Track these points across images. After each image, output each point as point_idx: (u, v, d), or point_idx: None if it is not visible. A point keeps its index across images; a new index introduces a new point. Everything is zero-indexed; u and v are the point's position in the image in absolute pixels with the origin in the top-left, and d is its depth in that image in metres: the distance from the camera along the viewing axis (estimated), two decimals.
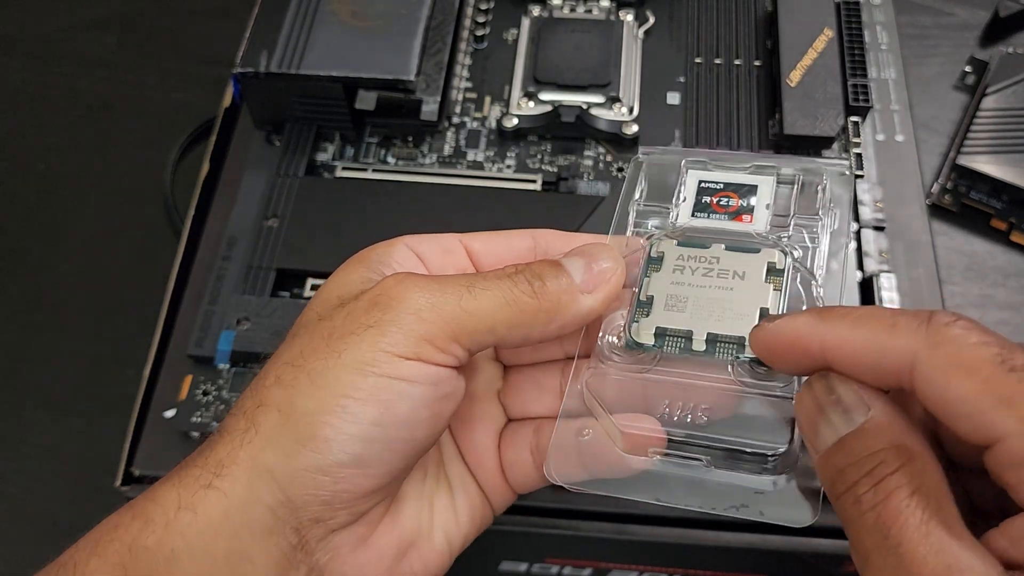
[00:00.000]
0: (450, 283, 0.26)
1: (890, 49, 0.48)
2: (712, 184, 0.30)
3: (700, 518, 0.35)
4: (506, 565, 0.39)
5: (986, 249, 0.49)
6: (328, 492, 0.24)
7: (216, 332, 0.38)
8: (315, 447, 0.23)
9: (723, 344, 0.27)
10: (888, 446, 0.21)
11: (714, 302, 0.27)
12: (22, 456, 0.48)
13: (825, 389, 0.23)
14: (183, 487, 0.24)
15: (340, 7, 0.44)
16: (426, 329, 0.25)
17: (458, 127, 0.45)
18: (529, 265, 0.27)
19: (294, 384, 0.24)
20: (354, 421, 0.24)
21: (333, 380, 0.24)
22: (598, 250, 0.28)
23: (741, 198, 0.30)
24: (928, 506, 0.20)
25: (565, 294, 0.26)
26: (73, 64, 0.61)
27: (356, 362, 0.24)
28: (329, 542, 0.25)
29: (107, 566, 0.23)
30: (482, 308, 0.25)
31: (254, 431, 0.24)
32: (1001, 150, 0.48)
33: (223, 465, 0.24)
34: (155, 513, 0.23)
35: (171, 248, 0.43)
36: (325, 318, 0.26)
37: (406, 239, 0.29)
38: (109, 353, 0.50)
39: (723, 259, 0.28)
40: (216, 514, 0.23)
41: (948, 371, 0.21)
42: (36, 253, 0.54)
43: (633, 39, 0.47)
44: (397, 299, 0.25)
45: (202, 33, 0.62)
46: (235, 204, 0.42)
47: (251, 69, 0.42)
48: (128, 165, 0.57)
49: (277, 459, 0.24)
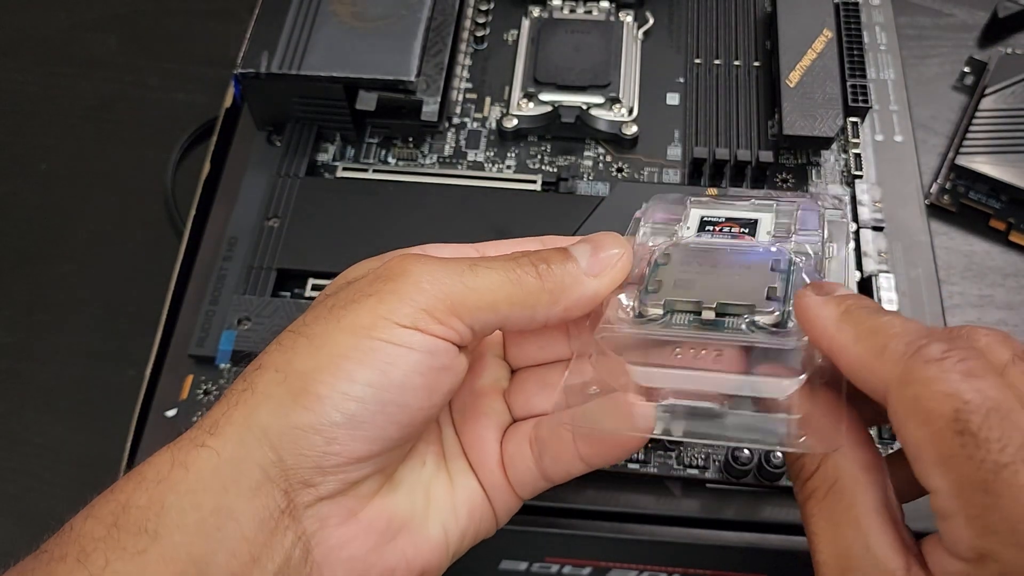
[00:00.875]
0: (454, 261, 0.26)
1: (889, 50, 0.48)
2: (714, 218, 0.31)
3: (700, 518, 0.35)
4: (506, 564, 0.39)
5: (985, 249, 0.49)
6: (319, 452, 0.24)
7: (217, 332, 0.38)
8: (308, 403, 0.24)
9: (733, 312, 0.27)
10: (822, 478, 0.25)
11: (722, 280, 0.28)
12: (23, 456, 0.48)
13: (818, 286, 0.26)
14: (177, 448, 0.24)
15: (341, 8, 0.44)
16: (425, 300, 0.25)
17: (458, 127, 0.46)
18: (536, 251, 0.28)
19: (293, 346, 0.25)
20: (349, 380, 0.24)
21: (330, 342, 0.25)
22: (604, 237, 0.29)
23: (743, 227, 0.30)
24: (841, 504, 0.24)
25: (569, 276, 0.27)
26: (74, 64, 0.61)
27: (354, 326, 0.25)
28: (317, 510, 0.25)
29: (100, 525, 0.23)
30: (484, 284, 0.26)
31: (251, 391, 0.25)
32: (1000, 150, 0.48)
33: (217, 424, 0.24)
34: (148, 472, 0.24)
35: (172, 248, 0.43)
36: (331, 295, 0.27)
37: (425, 247, 0.30)
38: (110, 353, 0.50)
39: (729, 255, 0.29)
40: (207, 471, 0.24)
41: (908, 414, 0.22)
42: (37, 253, 0.54)
43: (633, 40, 0.47)
44: (400, 271, 0.26)
45: (203, 34, 0.62)
46: (236, 204, 0.42)
47: (252, 70, 0.42)
48: (129, 165, 0.57)
49: (271, 416, 0.24)
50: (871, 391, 0.23)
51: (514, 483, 0.30)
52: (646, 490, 0.36)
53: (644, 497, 0.36)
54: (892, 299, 0.39)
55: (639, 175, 0.43)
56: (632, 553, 0.37)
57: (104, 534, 0.23)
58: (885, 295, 0.39)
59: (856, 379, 0.24)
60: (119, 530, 0.23)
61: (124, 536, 0.23)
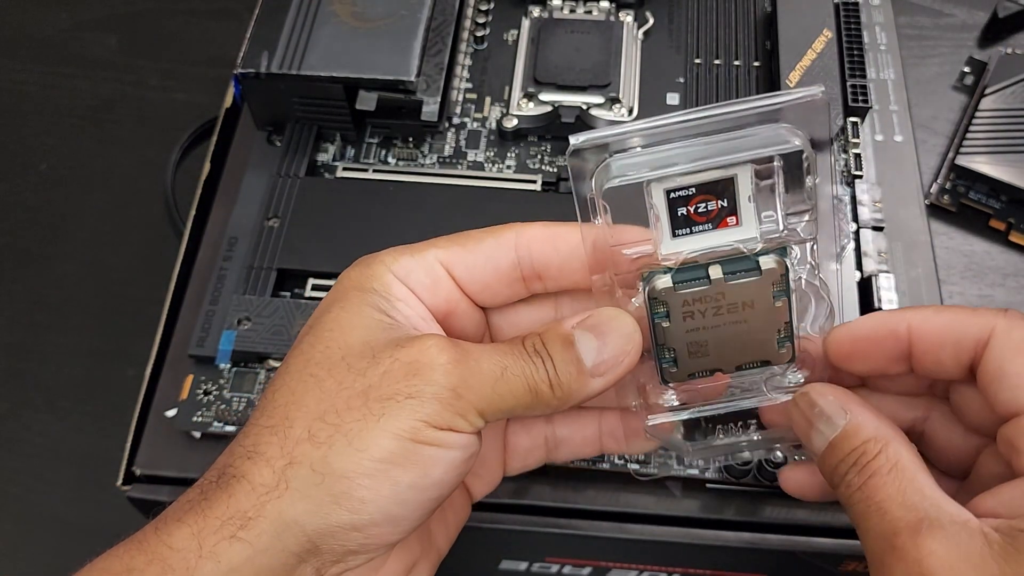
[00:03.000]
0: (485, 362, 0.26)
1: (889, 50, 0.48)
2: (683, 192, 0.26)
3: (700, 518, 0.35)
4: (506, 564, 0.39)
5: (985, 249, 0.49)
6: (356, 545, 0.25)
7: (217, 332, 0.38)
8: (351, 507, 0.24)
9: (750, 364, 0.29)
10: (868, 439, 0.26)
11: (733, 338, 0.28)
12: (24, 455, 0.48)
13: (808, 404, 0.28)
14: (203, 536, 0.24)
15: (341, 8, 0.44)
16: (462, 406, 0.26)
17: (458, 127, 0.46)
18: (544, 341, 0.27)
19: (329, 443, 0.25)
20: (392, 484, 0.25)
21: (371, 443, 0.25)
22: (611, 327, 0.28)
23: (720, 197, 0.26)
24: (903, 476, 0.25)
25: (575, 381, 0.27)
26: (75, 65, 0.61)
27: (396, 429, 0.25)
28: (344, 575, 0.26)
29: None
30: (508, 391, 0.27)
31: (284, 486, 0.24)
32: (1000, 150, 0.48)
33: (248, 518, 0.24)
34: (174, 561, 0.24)
35: (172, 248, 0.43)
36: (356, 370, 0.26)
37: (392, 266, 0.28)
38: (110, 353, 0.50)
39: (727, 293, 0.27)
40: (239, 561, 0.24)
41: (1017, 348, 0.26)
42: (37, 253, 0.54)
43: (633, 40, 0.47)
44: (438, 372, 0.26)
45: (203, 34, 0.63)
46: (236, 204, 0.42)
47: (252, 70, 0.42)
48: (129, 165, 0.57)
49: (308, 515, 0.24)
50: (967, 341, 0.27)
51: (509, 469, 0.32)
52: (646, 490, 0.36)
53: (644, 497, 0.36)
54: (892, 299, 0.39)
55: None
56: (632, 553, 0.37)
57: None
58: (885, 295, 0.39)
59: (946, 339, 0.27)
60: None
61: None
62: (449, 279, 0.29)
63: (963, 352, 0.27)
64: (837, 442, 0.27)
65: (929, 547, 0.23)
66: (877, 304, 0.39)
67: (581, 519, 0.36)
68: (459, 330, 0.30)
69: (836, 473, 0.26)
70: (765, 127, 0.26)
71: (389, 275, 0.28)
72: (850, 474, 0.26)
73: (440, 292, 0.29)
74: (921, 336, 0.27)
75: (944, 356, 0.27)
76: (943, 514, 0.24)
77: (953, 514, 0.24)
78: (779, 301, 0.28)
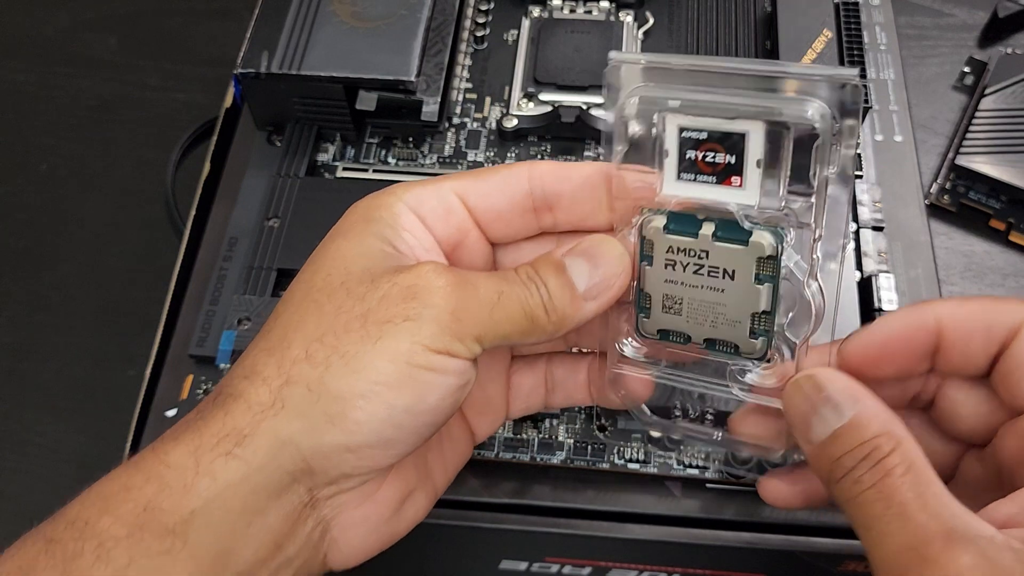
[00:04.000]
0: (482, 287, 0.27)
1: (889, 50, 0.48)
2: (695, 133, 0.27)
3: (700, 518, 0.35)
4: (506, 564, 0.39)
5: (985, 249, 0.49)
6: (350, 467, 0.25)
7: (217, 332, 0.38)
8: (345, 428, 0.25)
9: (721, 345, 0.29)
10: (880, 433, 0.24)
11: (707, 305, 0.28)
12: (23, 456, 0.48)
13: (814, 387, 0.26)
14: (200, 454, 0.24)
15: (341, 8, 0.44)
16: (459, 329, 0.26)
17: (458, 128, 0.46)
18: (537, 268, 0.28)
19: (326, 364, 0.25)
20: (387, 407, 0.25)
21: (369, 366, 0.25)
22: (601, 252, 0.28)
23: (729, 152, 0.26)
24: (920, 480, 0.23)
25: (569, 306, 0.27)
26: (75, 65, 0.61)
27: (392, 351, 0.25)
28: (337, 499, 0.26)
29: (120, 524, 0.23)
30: (505, 317, 0.27)
31: (280, 405, 0.25)
32: (1000, 150, 0.48)
33: (244, 435, 0.24)
34: (170, 477, 0.24)
35: (172, 248, 0.43)
36: (355, 295, 0.26)
37: (404, 196, 0.28)
38: (110, 353, 0.50)
39: (712, 253, 0.27)
40: (236, 478, 0.24)
41: None
42: (37, 253, 0.54)
43: (633, 40, 0.47)
44: (436, 295, 0.26)
45: (203, 34, 0.63)
46: (236, 204, 0.42)
47: (252, 70, 0.42)
48: (129, 165, 0.57)
49: (303, 434, 0.25)
50: (998, 327, 0.26)
51: (512, 411, 0.33)
52: (646, 490, 0.36)
53: (644, 497, 0.36)
54: (892, 299, 0.39)
55: None
56: (632, 553, 0.37)
57: (125, 534, 0.23)
58: (885, 295, 0.39)
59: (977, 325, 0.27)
60: (142, 531, 0.23)
61: (148, 537, 0.23)
62: (462, 207, 0.29)
63: (993, 342, 0.26)
64: (843, 432, 0.25)
65: (965, 561, 0.22)
66: (877, 304, 0.39)
67: (581, 519, 0.36)
68: (467, 263, 0.30)
69: (838, 466, 0.25)
70: (797, 99, 0.26)
71: (400, 204, 0.28)
72: (858, 470, 0.24)
73: (452, 220, 0.29)
74: (952, 327, 0.27)
75: (974, 347, 0.27)
76: (969, 527, 0.22)
77: (978, 528, 0.23)
78: (762, 285, 0.27)
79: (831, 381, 0.26)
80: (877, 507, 0.23)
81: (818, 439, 0.25)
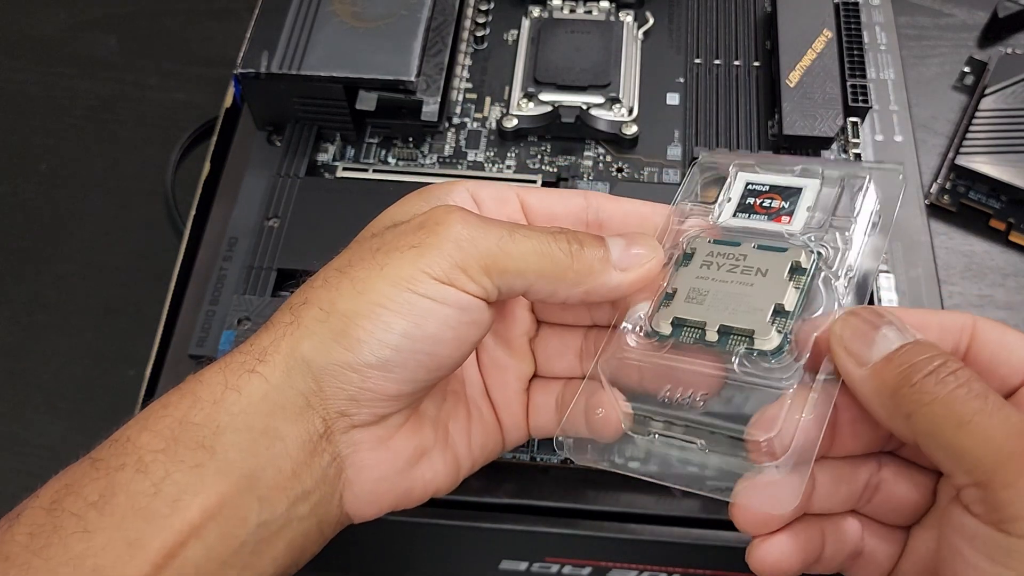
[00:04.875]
0: (494, 223, 0.28)
1: (889, 50, 0.48)
2: (759, 186, 0.31)
3: (700, 518, 0.35)
4: (506, 564, 0.39)
5: (985, 249, 0.49)
6: (355, 388, 0.26)
7: (217, 332, 0.38)
8: (347, 345, 0.26)
9: (735, 336, 0.28)
10: (944, 352, 0.25)
11: (732, 296, 0.29)
12: (23, 456, 0.48)
13: (874, 313, 0.26)
14: (229, 371, 0.26)
15: (341, 8, 0.44)
16: (462, 258, 0.27)
17: (458, 127, 0.46)
18: (574, 231, 0.29)
19: (338, 287, 0.27)
20: (386, 329, 0.26)
21: (372, 288, 0.26)
22: (640, 236, 0.30)
23: (785, 200, 0.30)
24: (989, 392, 0.23)
25: (599, 262, 0.28)
26: (74, 65, 0.61)
27: (395, 276, 0.26)
28: (351, 436, 0.27)
29: (158, 439, 0.25)
30: (518, 251, 0.27)
31: (296, 324, 0.27)
32: (1000, 150, 0.48)
33: (266, 352, 0.26)
34: (203, 392, 0.26)
35: (172, 248, 0.43)
36: (377, 235, 0.28)
37: (467, 183, 0.31)
38: (110, 353, 0.50)
39: (750, 256, 0.29)
40: (257, 395, 0.26)
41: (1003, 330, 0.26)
42: (37, 253, 0.54)
43: (633, 40, 0.47)
44: (442, 225, 0.27)
45: (203, 34, 0.63)
46: (236, 204, 0.42)
47: (252, 70, 0.42)
48: (129, 165, 0.57)
49: (313, 351, 0.26)
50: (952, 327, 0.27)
51: (533, 426, 0.33)
52: (646, 490, 0.36)
53: (644, 497, 0.36)
54: (892, 299, 0.39)
55: (639, 175, 0.43)
56: (632, 553, 0.37)
57: (163, 447, 0.25)
58: (885, 295, 0.39)
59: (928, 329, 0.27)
60: (177, 444, 0.25)
61: (182, 450, 0.25)
62: (517, 201, 0.31)
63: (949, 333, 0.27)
64: (910, 348, 0.25)
65: None
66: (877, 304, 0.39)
67: (581, 519, 0.36)
68: None
69: (915, 370, 0.24)
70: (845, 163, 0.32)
71: (460, 186, 0.30)
72: (942, 371, 0.24)
73: (504, 209, 0.31)
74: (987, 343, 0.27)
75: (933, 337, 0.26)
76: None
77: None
78: (792, 279, 0.28)
79: (888, 312, 0.26)
80: (974, 403, 0.23)
81: (878, 355, 0.25)
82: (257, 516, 0.25)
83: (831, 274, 0.29)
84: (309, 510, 0.26)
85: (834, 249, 0.29)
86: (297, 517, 0.26)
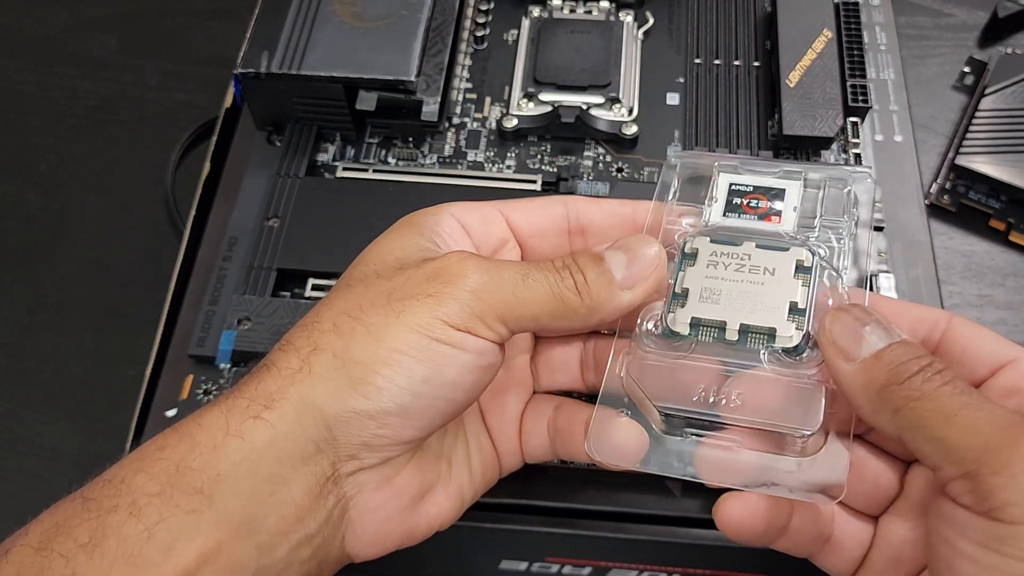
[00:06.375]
0: (507, 270, 0.28)
1: (889, 50, 0.48)
2: (742, 187, 0.32)
3: (700, 517, 0.35)
4: (506, 564, 0.39)
5: (984, 249, 0.49)
6: (370, 435, 0.26)
7: (217, 332, 0.38)
8: (366, 392, 0.26)
9: (755, 334, 0.29)
10: (930, 354, 0.25)
11: (746, 295, 0.29)
12: (23, 456, 0.48)
13: (863, 311, 0.27)
14: (231, 415, 0.25)
15: (341, 8, 0.44)
16: (480, 307, 0.27)
17: (458, 127, 0.46)
18: (575, 258, 0.29)
19: (351, 333, 0.26)
20: (406, 375, 0.26)
21: (390, 335, 0.26)
22: (639, 244, 0.30)
23: (770, 200, 0.31)
24: (973, 390, 0.24)
25: (605, 291, 0.28)
26: (74, 65, 0.61)
27: (414, 324, 0.26)
28: (357, 478, 0.27)
29: (153, 482, 0.24)
30: (531, 297, 0.28)
31: (307, 370, 0.26)
32: (1000, 150, 0.48)
33: (272, 399, 0.26)
34: (202, 437, 0.25)
35: (172, 248, 0.43)
36: (384, 277, 0.28)
37: (451, 208, 0.31)
38: (110, 353, 0.50)
39: (754, 256, 0.30)
40: (262, 442, 0.25)
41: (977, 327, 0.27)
42: (37, 253, 0.54)
43: (633, 40, 0.47)
44: (458, 275, 0.27)
45: (203, 34, 0.63)
46: (236, 204, 0.42)
47: (252, 70, 0.42)
48: (129, 165, 0.57)
49: (327, 399, 0.26)
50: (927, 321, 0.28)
51: (526, 452, 0.33)
52: (646, 490, 0.36)
53: (644, 497, 0.36)
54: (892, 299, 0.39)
55: (639, 175, 0.43)
56: (632, 553, 0.37)
57: (158, 491, 0.24)
58: (885, 295, 0.39)
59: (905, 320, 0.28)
60: (173, 489, 0.24)
61: (178, 495, 0.24)
62: (502, 220, 0.32)
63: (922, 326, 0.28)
64: (898, 347, 0.26)
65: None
66: None
67: (581, 519, 0.36)
68: None
69: (903, 368, 0.25)
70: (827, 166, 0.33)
71: (445, 212, 0.30)
72: (928, 371, 0.25)
73: (491, 229, 0.31)
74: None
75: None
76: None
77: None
78: (799, 278, 0.29)
79: (875, 310, 0.27)
80: (960, 398, 0.24)
81: (868, 351, 0.26)
82: (256, 562, 0.25)
83: (833, 271, 0.30)
84: (311, 553, 0.26)
85: (829, 248, 0.30)
86: (298, 560, 0.26)
